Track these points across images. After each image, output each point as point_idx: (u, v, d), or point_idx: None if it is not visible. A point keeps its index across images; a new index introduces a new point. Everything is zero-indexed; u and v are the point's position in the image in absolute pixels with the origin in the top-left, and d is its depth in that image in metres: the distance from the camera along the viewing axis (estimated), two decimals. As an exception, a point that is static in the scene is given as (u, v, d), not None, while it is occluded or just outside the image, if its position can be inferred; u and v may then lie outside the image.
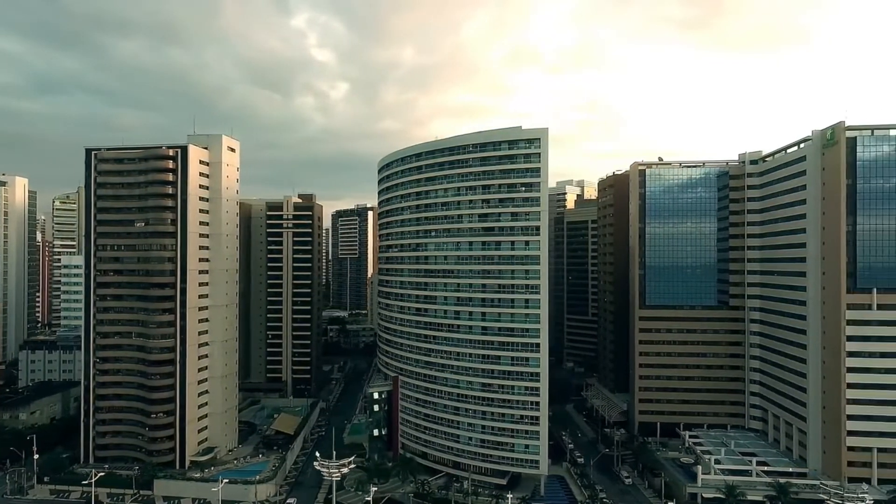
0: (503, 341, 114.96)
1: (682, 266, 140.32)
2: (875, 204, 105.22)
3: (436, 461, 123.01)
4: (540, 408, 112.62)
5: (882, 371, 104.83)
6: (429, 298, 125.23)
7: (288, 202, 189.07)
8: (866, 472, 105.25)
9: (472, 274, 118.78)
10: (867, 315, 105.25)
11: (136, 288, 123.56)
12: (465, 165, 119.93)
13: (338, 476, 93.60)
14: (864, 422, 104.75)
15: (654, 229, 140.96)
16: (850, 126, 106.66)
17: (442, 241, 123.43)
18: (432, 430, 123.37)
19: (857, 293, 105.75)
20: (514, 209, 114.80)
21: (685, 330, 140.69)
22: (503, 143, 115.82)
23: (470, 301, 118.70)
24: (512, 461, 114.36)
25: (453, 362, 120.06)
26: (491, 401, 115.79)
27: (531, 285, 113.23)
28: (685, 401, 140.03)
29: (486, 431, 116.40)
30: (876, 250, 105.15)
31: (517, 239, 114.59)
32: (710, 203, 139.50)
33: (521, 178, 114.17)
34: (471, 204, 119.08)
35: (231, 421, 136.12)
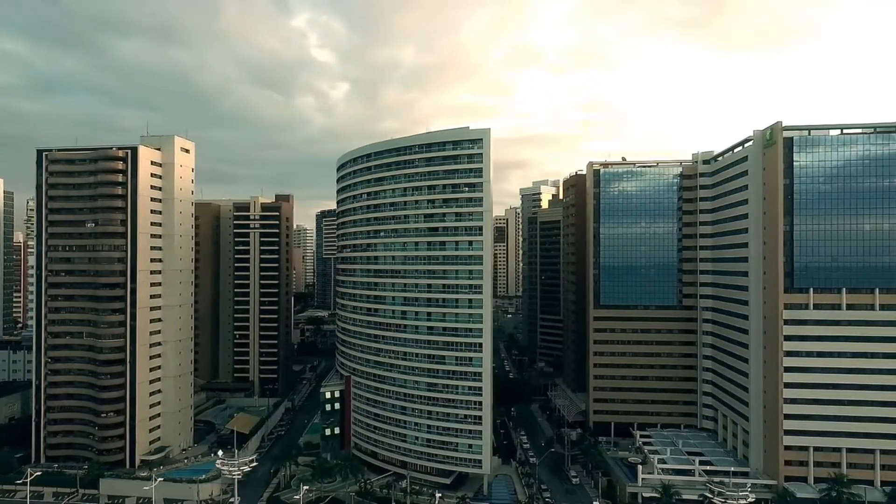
0: (447, 341, 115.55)
1: (636, 266, 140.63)
2: (811, 204, 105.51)
3: (385, 461, 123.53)
4: (483, 408, 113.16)
5: (818, 371, 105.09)
6: (378, 298, 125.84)
7: (255, 203, 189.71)
8: (803, 471, 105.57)
9: (418, 274, 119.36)
10: (804, 315, 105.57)
11: (87, 288, 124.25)
12: (411, 166, 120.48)
13: (239, 475, 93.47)
14: (800, 421, 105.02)
15: (608, 229, 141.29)
16: (787, 126, 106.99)
17: (390, 242, 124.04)
18: (381, 430, 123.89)
19: (794, 293, 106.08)
20: (457, 209, 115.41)
21: (639, 330, 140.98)
22: (448, 143, 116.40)
23: (416, 301, 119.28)
24: (456, 461, 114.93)
25: (400, 362, 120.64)
26: (436, 401, 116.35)
27: (474, 285, 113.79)
28: (639, 401, 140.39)
29: (431, 431, 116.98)
30: (812, 250, 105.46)
31: (461, 239, 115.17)
32: (664, 203, 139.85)
33: (464, 178, 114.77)
34: (417, 204, 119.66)
35: (185, 420, 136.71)
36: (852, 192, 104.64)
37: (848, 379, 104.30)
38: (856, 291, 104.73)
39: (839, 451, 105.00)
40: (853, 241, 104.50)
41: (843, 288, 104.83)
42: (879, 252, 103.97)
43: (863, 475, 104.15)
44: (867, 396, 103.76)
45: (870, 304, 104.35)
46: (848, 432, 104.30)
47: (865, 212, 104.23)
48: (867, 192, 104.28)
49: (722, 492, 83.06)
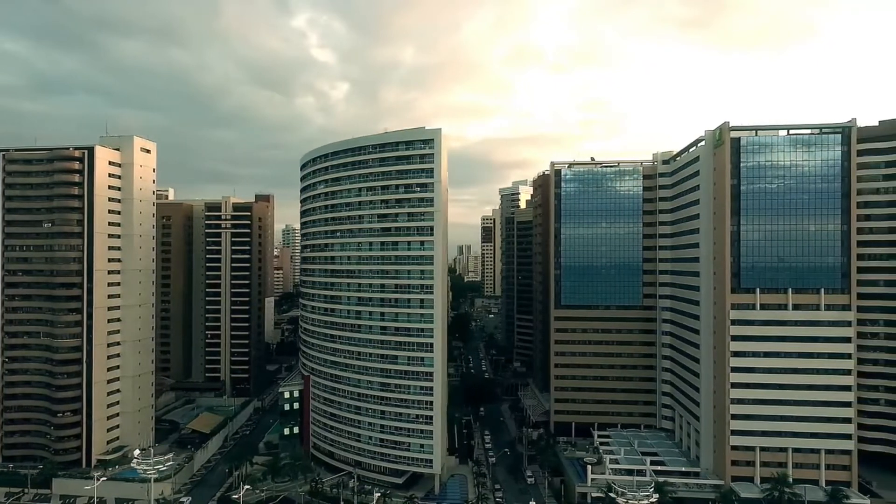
0: (399, 341, 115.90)
1: (597, 266, 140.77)
2: (757, 205, 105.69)
3: (340, 460, 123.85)
4: (433, 407, 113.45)
5: (765, 371, 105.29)
6: (334, 298, 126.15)
7: (226, 203, 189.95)
8: (750, 471, 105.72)
9: (371, 274, 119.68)
10: (750, 315, 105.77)
11: (44, 288, 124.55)
12: (365, 166, 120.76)
13: (154, 474, 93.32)
14: (747, 421, 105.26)
15: (569, 229, 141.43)
16: (734, 126, 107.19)
17: (346, 242, 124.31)
18: (337, 430, 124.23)
19: (741, 293, 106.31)
20: (409, 210, 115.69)
21: (600, 330, 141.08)
22: (400, 143, 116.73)
23: (370, 301, 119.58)
24: (408, 460, 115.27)
25: (354, 362, 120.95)
26: (388, 400, 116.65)
27: (425, 285, 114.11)
28: (600, 401, 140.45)
29: (384, 431, 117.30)
30: (759, 251, 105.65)
31: (413, 239, 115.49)
32: (626, 203, 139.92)
33: (416, 178, 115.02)
34: (371, 204, 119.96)
35: (146, 419, 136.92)
36: (798, 193, 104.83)
37: (793, 379, 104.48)
38: (802, 292, 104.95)
39: (785, 451, 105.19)
40: (799, 241, 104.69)
41: (789, 288, 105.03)
42: (824, 252, 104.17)
43: (809, 475, 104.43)
44: (812, 396, 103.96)
45: (815, 305, 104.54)
46: (793, 432, 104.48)
47: (811, 212, 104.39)
48: (813, 192, 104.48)
49: (624, 492, 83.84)
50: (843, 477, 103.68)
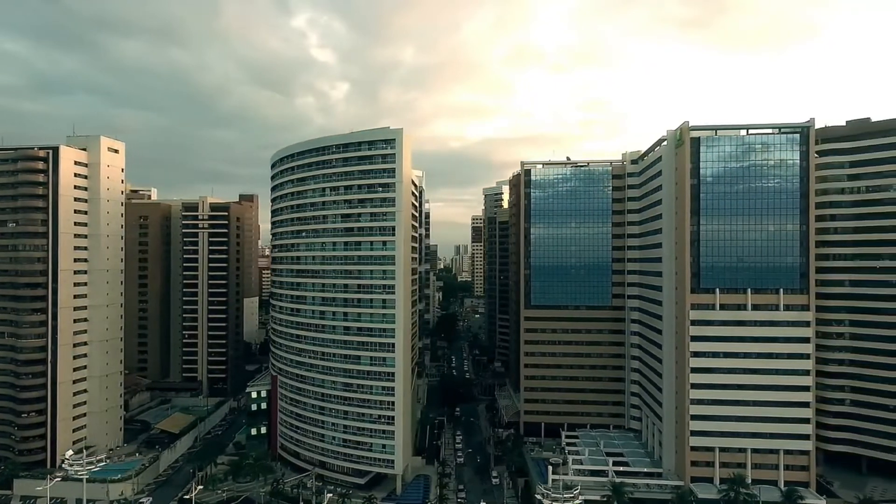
0: (362, 341, 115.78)
1: (566, 266, 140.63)
2: (717, 204, 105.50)
3: (305, 460, 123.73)
4: (395, 408, 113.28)
5: (724, 371, 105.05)
6: (300, 299, 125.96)
7: (203, 203, 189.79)
8: (710, 471, 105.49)
9: (335, 274, 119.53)
10: (710, 315, 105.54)
11: (8, 288, 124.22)
12: (329, 166, 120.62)
13: (86, 474, 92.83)
14: (706, 422, 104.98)
15: (539, 229, 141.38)
16: (694, 126, 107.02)
17: (311, 242, 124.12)
18: (302, 430, 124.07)
19: (701, 293, 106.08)
20: (372, 209, 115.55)
21: (570, 330, 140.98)
22: (363, 143, 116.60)
23: (333, 301, 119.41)
24: (370, 461, 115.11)
25: (318, 362, 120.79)
26: (351, 400, 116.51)
27: (388, 286, 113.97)
28: (570, 401, 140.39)
29: (347, 431, 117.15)
30: (719, 250, 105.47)
31: (375, 239, 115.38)
32: (596, 203, 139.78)
33: (378, 178, 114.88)
34: (334, 204, 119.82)
35: (114, 419, 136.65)
36: (757, 193, 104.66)
37: (753, 379, 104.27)
38: (761, 292, 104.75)
39: (745, 452, 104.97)
40: (758, 241, 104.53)
41: (748, 288, 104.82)
42: (783, 252, 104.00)
43: (768, 475, 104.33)
44: (771, 397, 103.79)
45: (774, 305, 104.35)
46: (753, 433, 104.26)
47: (770, 212, 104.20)
48: (772, 192, 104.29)
49: (548, 493, 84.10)
50: (802, 477, 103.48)
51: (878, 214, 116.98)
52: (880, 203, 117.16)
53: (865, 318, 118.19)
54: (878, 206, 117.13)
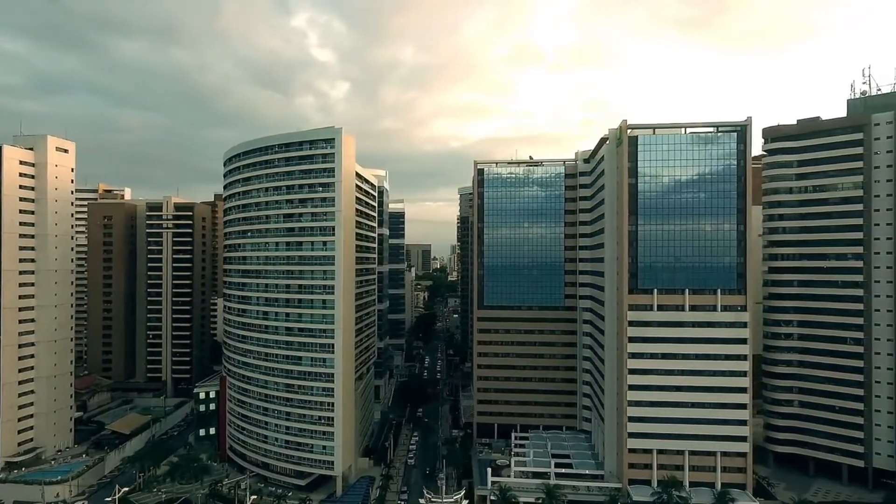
0: (302, 342, 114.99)
1: (519, 266, 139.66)
2: (655, 204, 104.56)
3: (251, 461, 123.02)
4: (335, 409, 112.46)
5: (662, 372, 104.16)
6: (245, 299, 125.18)
7: (167, 203, 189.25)
8: (648, 473, 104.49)
9: (277, 274, 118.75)
10: (648, 316, 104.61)
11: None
12: (272, 166, 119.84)
13: None
14: (643, 423, 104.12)
15: (492, 229, 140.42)
16: (632, 125, 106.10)
17: (256, 242, 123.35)
18: (248, 431, 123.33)
19: (638, 294, 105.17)
20: (312, 209, 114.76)
21: (522, 331, 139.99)
22: (304, 143, 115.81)
23: (276, 301, 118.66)
24: (311, 462, 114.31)
25: (262, 363, 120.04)
26: (292, 401, 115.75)
27: (327, 286, 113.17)
28: (523, 402, 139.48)
29: (289, 432, 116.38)
30: (656, 251, 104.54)
31: (316, 239, 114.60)
32: (549, 203, 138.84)
33: (318, 178, 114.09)
34: (277, 204, 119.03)
35: (63, 420, 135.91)
36: (695, 192, 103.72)
37: (690, 381, 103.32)
38: (698, 292, 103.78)
39: (682, 454, 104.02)
40: (695, 241, 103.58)
41: (685, 289, 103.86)
42: (721, 253, 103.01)
43: (705, 477, 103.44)
44: (709, 398, 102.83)
45: (712, 306, 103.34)
46: (690, 434, 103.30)
47: (707, 212, 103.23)
48: (709, 191, 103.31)
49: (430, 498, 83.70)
50: (739, 479, 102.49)
51: (823, 214, 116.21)
52: (826, 203, 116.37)
53: (813, 319, 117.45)
54: (823, 206, 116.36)
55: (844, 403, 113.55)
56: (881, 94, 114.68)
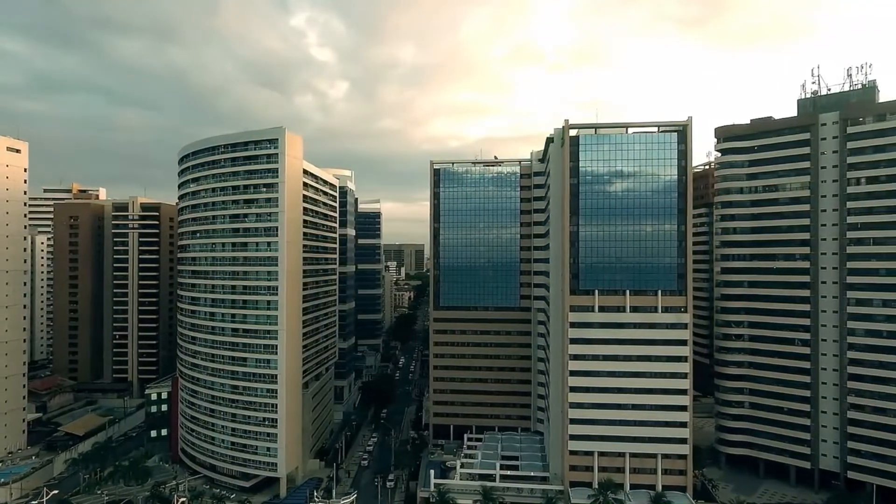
0: (247, 343, 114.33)
1: (474, 267, 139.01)
2: (595, 204, 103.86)
3: (199, 463, 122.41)
4: (278, 410, 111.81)
5: (603, 374, 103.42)
6: (195, 300, 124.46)
7: (133, 203, 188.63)
8: (589, 475, 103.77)
9: (223, 275, 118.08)
10: (589, 317, 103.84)
11: None
12: (219, 166, 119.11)
13: None
14: (584, 425, 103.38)
15: (448, 229, 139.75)
16: (573, 124, 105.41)
17: (204, 242, 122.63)
18: (196, 432, 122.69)
19: (580, 294, 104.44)
20: (257, 210, 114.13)
21: (478, 331, 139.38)
22: (249, 143, 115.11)
23: (222, 302, 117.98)
24: (256, 464, 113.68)
25: (209, 364, 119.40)
26: (237, 402, 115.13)
27: (271, 287, 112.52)
28: (479, 403, 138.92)
29: (235, 434, 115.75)
30: (597, 251, 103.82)
31: (260, 240, 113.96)
32: (503, 202, 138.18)
33: (262, 178, 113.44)
34: (223, 205, 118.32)
35: (15, 422, 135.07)
36: (636, 192, 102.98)
37: (631, 383, 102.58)
38: (639, 293, 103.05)
39: (623, 456, 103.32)
40: (636, 241, 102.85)
41: (626, 290, 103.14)
42: (661, 253, 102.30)
43: (646, 480, 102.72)
44: (649, 400, 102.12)
45: (653, 307, 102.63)
46: (631, 437, 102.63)
47: (648, 212, 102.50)
48: (650, 191, 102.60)
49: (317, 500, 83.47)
50: (679, 481, 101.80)
51: (772, 214, 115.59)
52: (775, 203, 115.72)
53: (762, 320, 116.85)
54: (772, 207, 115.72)
55: (792, 405, 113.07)
56: (829, 94, 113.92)
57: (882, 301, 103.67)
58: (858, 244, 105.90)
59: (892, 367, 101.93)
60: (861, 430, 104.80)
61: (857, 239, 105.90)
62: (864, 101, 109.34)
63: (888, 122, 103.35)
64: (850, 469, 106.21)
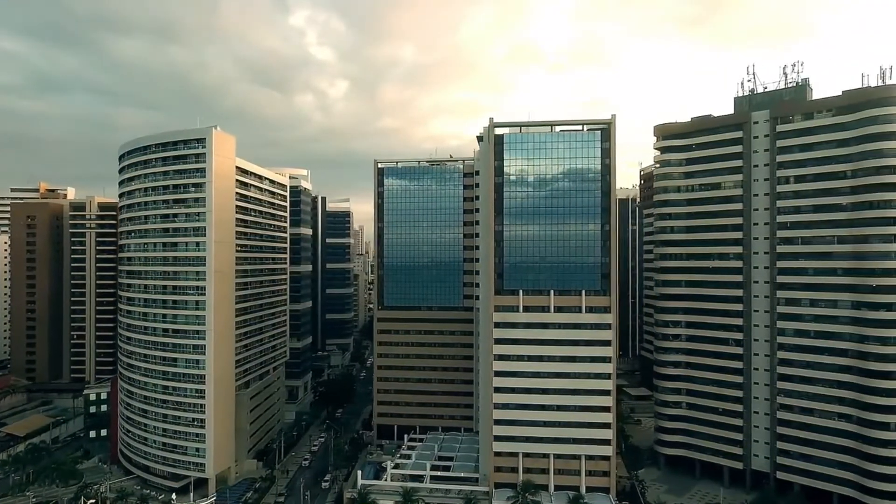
0: (176, 343, 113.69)
1: (418, 266, 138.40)
2: (520, 203, 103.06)
3: (133, 463, 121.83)
4: (206, 411, 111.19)
5: (528, 375, 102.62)
6: (130, 300, 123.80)
7: (91, 202, 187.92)
8: (514, 477, 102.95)
9: (155, 275, 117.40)
10: (514, 317, 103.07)
11: None
12: (151, 165, 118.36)
13: None
14: (509, 426, 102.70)
15: (391, 228, 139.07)
16: (498, 123, 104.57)
17: (138, 242, 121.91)
18: (131, 433, 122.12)
19: (505, 294, 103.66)
20: (186, 210, 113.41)
21: (422, 331, 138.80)
22: (178, 142, 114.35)
23: (154, 302, 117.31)
24: (185, 464, 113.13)
25: (142, 364, 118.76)
26: (168, 403, 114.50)
27: (199, 287, 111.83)
28: (423, 403, 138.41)
29: (165, 434, 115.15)
30: (521, 251, 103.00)
31: (189, 240, 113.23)
32: (446, 202, 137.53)
33: (190, 178, 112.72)
34: (154, 204, 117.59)
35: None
36: (559, 191, 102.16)
37: (556, 384, 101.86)
38: (564, 293, 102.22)
39: (547, 458, 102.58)
40: (560, 241, 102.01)
41: (551, 290, 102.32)
42: (585, 253, 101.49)
43: (571, 481, 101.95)
44: (573, 402, 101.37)
45: (577, 307, 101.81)
46: (555, 438, 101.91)
47: (571, 211, 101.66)
48: (573, 190, 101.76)
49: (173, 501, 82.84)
50: (603, 483, 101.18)
51: (707, 213, 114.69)
52: (710, 202, 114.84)
53: (698, 320, 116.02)
54: (707, 205, 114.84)
55: (726, 405, 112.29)
56: (763, 92, 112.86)
57: (810, 301, 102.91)
58: (787, 243, 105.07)
59: (819, 368, 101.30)
60: (790, 431, 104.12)
61: (787, 238, 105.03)
62: (795, 99, 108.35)
63: (815, 120, 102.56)
64: (779, 469, 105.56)
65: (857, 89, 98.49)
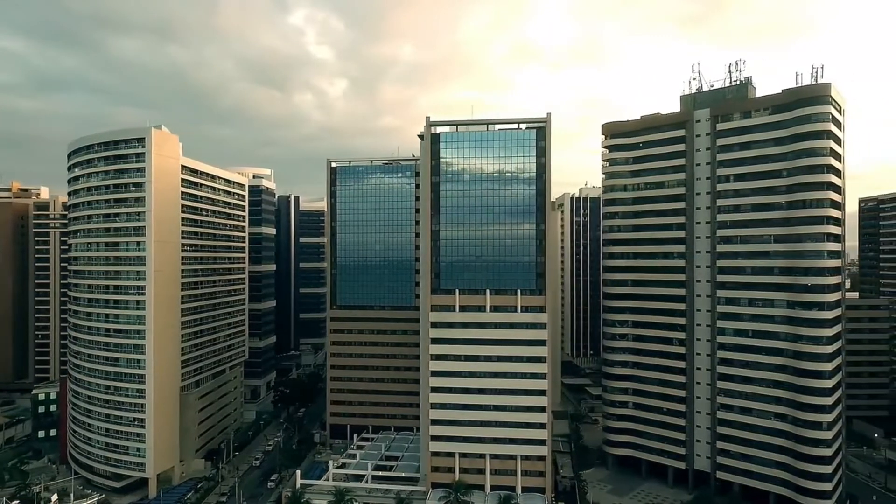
0: (119, 343, 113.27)
1: (370, 265, 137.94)
2: (456, 202, 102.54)
3: (79, 464, 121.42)
4: (146, 410, 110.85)
5: (465, 375, 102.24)
6: (76, 300, 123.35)
7: (55, 202, 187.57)
8: (451, 477, 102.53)
9: (98, 275, 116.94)
10: (450, 317, 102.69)
11: None
12: (94, 165, 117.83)
13: None
14: (445, 426, 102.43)
15: (344, 228, 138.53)
16: (435, 121, 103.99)
17: (81, 241, 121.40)
18: (77, 432, 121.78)
19: (441, 294, 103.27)
20: (126, 209, 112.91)
21: (375, 331, 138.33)
22: (119, 142, 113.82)
23: (97, 302, 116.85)
24: (126, 464, 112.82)
25: (86, 363, 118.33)
26: (110, 402, 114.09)
27: (139, 287, 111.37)
28: (375, 402, 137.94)
29: (108, 434, 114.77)
30: (457, 250, 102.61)
31: (130, 240, 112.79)
32: (398, 200, 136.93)
33: (131, 178, 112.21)
34: (97, 204, 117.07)
35: None
36: (494, 190, 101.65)
37: (492, 384, 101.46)
38: (500, 293, 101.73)
39: (484, 458, 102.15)
40: (496, 240, 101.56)
41: (487, 289, 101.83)
42: (520, 252, 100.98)
43: (508, 482, 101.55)
44: (509, 402, 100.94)
45: (512, 307, 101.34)
46: (491, 438, 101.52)
47: (506, 210, 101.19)
48: (508, 189, 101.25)
49: None
50: (539, 483, 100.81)
51: (652, 212, 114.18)
52: (654, 200, 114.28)
53: (644, 319, 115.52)
54: (651, 204, 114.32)
55: (670, 405, 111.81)
56: (707, 90, 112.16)
57: (748, 300, 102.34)
58: (727, 242, 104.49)
59: (757, 367, 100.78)
60: (730, 431, 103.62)
61: (726, 237, 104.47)
62: (736, 97, 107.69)
63: (753, 118, 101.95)
64: (719, 469, 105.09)
65: (792, 88, 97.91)
